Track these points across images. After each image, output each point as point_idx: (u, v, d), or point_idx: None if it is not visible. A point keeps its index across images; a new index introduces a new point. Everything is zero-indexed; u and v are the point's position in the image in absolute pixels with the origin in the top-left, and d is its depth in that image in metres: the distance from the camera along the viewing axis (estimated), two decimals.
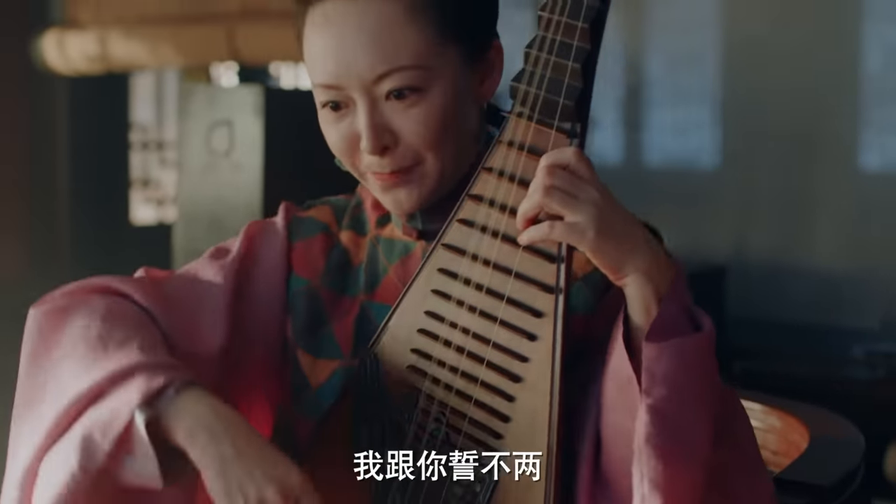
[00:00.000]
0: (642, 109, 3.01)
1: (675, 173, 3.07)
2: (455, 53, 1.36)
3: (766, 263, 2.94)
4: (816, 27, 3.02)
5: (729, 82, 3.02)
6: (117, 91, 4.19)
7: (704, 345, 1.23)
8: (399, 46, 1.33)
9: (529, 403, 1.28)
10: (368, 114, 1.35)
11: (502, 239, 1.30)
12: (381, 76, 1.33)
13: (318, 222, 1.51)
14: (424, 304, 1.35)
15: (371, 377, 1.37)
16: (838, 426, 1.74)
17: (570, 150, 1.24)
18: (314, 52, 1.37)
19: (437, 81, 1.35)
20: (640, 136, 3.03)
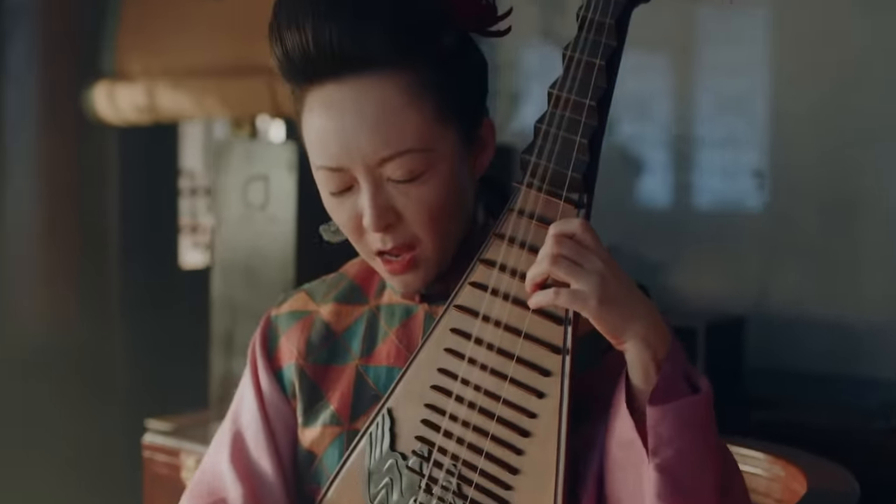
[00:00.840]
0: (690, 152, 3.03)
1: (719, 217, 3.08)
2: (453, 132, 1.39)
3: (785, 313, 2.96)
4: (859, 76, 3.01)
5: (775, 127, 3.02)
6: (166, 139, 4.25)
7: (704, 405, 1.27)
8: (401, 130, 1.35)
9: (538, 457, 1.32)
10: (372, 195, 1.37)
11: (512, 302, 1.34)
12: (384, 160, 1.36)
13: (293, 312, 1.58)
14: (437, 362, 1.39)
15: (384, 431, 1.42)
16: (836, 477, 1.77)
17: (577, 221, 1.29)
18: (315, 135, 1.39)
19: (438, 161, 1.38)
20: (688, 179, 3.04)
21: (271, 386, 1.57)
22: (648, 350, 1.27)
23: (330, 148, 1.37)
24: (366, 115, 1.35)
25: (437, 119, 1.37)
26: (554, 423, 1.31)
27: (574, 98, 1.30)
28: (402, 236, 1.40)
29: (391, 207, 1.38)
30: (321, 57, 1.34)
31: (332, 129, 1.36)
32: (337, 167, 1.38)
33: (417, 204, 1.38)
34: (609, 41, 1.29)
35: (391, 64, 1.35)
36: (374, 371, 1.50)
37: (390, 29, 1.33)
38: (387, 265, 1.42)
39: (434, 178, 1.38)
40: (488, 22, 1.44)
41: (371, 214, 1.37)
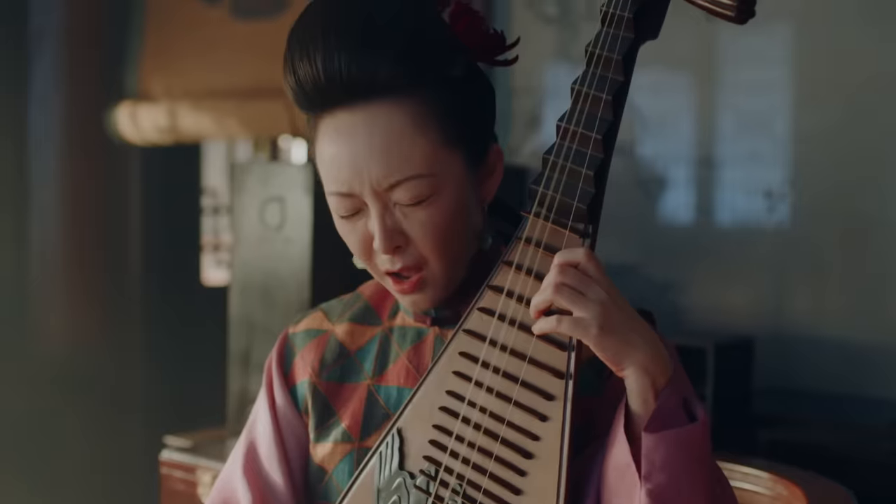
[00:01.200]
0: (713, 170, 3.04)
1: (737, 236, 3.08)
2: (460, 158, 1.42)
3: (797, 333, 2.97)
4: (880, 96, 3.01)
5: (795, 146, 3.02)
6: (189, 158, 4.28)
7: (699, 433, 1.29)
8: (408, 156, 1.38)
9: (540, 479, 1.34)
10: (381, 218, 1.41)
11: (518, 327, 1.37)
12: (392, 185, 1.39)
13: (309, 331, 1.62)
14: (446, 384, 1.41)
15: (393, 451, 1.45)
16: (835, 495, 1.79)
17: (581, 251, 1.31)
18: (327, 160, 1.42)
19: (444, 186, 1.41)
20: (710, 197, 3.05)
21: (285, 401, 1.60)
22: (647, 378, 1.29)
23: (341, 174, 1.41)
24: (374, 141, 1.38)
25: (443, 145, 1.40)
26: (556, 445, 1.34)
27: (581, 131, 1.33)
28: (410, 258, 1.43)
29: (399, 230, 1.41)
30: (331, 86, 1.37)
31: (343, 155, 1.40)
32: (347, 192, 1.41)
33: (424, 227, 1.41)
34: (616, 76, 1.32)
35: (399, 92, 1.38)
36: (385, 391, 1.53)
37: (398, 58, 1.36)
38: (396, 285, 1.45)
39: (440, 201, 1.41)
40: (495, 51, 1.48)
41: (380, 237, 1.41)
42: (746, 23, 1.30)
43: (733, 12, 1.27)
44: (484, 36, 1.46)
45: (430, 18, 1.41)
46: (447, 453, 1.40)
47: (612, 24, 1.32)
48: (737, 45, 3.01)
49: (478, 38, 1.45)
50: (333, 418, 1.56)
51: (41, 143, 4.15)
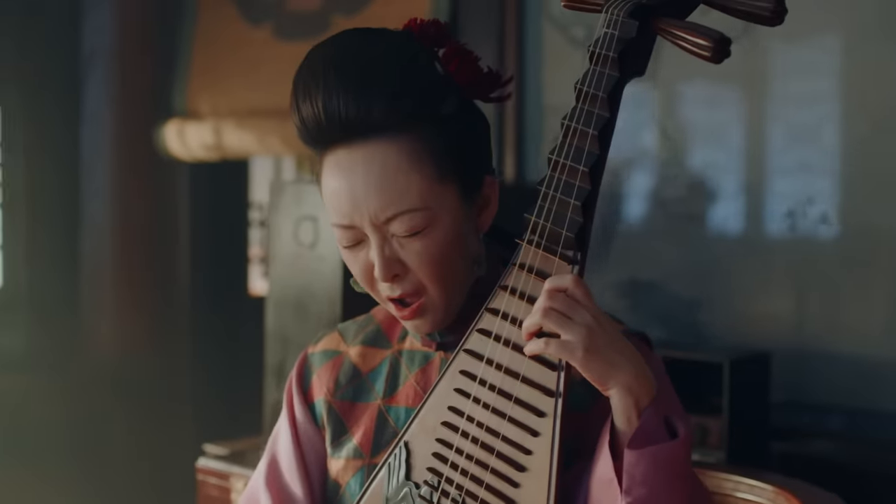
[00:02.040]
0: (762, 180, 3.06)
1: (787, 246, 3.07)
2: (453, 191, 1.48)
3: (811, 347, 2.98)
4: None
5: (845, 158, 2.98)
6: (236, 174, 4.33)
7: (678, 450, 1.34)
8: (403, 191, 1.45)
9: (532, 490, 1.40)
10: (380, 248, 1.47)
11: (512, 348, 1.43)
12: (389, 218, 1.45)
13: (326, 351, 1.69)
14: (448, 400, 1.48)
15: (400, 462, 1.51)
16: None
17: (570, 277, 1.37)
18: (330, 194, 1.49)
19: (439, 218, 1.47)
20: (759, 207, 3.09)
21: (305, 416, 1.68)
22: (630, 397, 1.35)
23: (342, 207, 1.48)
24: (371, 177, 1.45)
25: (437, 179, 1.46)
26: (546, 459, 1.40)
27: (569, 164, 1.39)
28: (408, 285, 1.50)
29: (397, 259, 1.48)
30: (331, 125, 1.44)
31: (343, 189, 1.47)
32: (349, 224, 1.48)
33: (420, 256, 1.47)
34: (602, 112, 1.38)
35: (394, 129, 1.44)
36: (395, 411, 1.60)
37: (392, 98, 1.43)
38: (398, 311, 1.52)
39: (435, 232, 1.47)
40: (488, 90, 1.54)
41: (379, 266, 1.48)
42: (778, 25, 1.34)
43: (768, 13, 1.32)
44: (477, 74, 1.52)
45: (422, 60, 1.48)
46: (448, 465, 1.47)
47: (598, 63, 1.38)
48: (786, 58, 3.00)
49: (470, 77, 1.51)
50: (346, 435, 1.63)
51: (93, 159, 4.23)
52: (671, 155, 3.14)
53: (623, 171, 3.19)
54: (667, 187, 3.17)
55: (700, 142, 3.13)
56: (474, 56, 1.52)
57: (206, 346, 4.26)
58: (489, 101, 1.56)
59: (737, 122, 3.06)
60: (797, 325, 3.00)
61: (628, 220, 3.21)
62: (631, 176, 3.16)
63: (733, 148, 3.05)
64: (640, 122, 3.18)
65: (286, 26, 3.92)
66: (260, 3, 4.00)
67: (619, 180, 3.22)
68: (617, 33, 1.37)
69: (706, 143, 3.11)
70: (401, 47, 1.47)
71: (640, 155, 3.17)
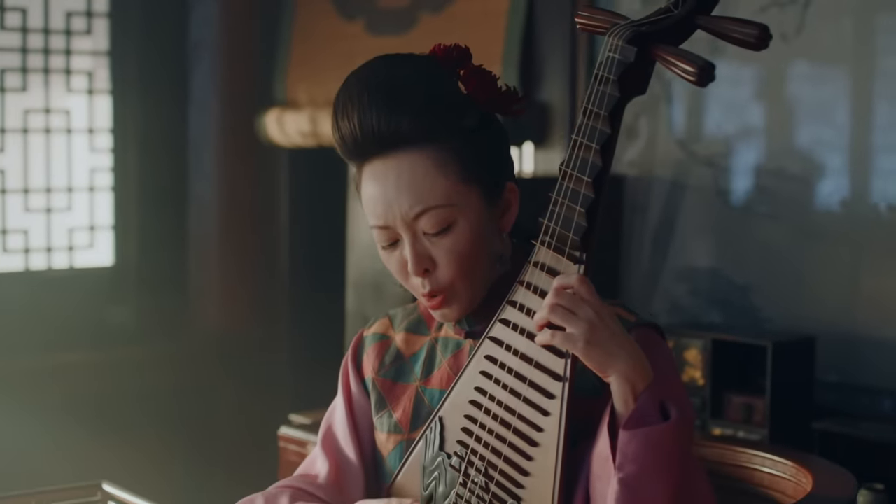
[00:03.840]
0: (869, 156, 3.07)
1: None
2: (477, 193, 1.64)
3: (859, 331, 3.04)
4: None
5: None
6: (332, 160, 4.43)
7: (669, 431, 1.48)
8: (430, 190, 1.61)
9: (543, 463, 1.56)
10: (412, 245, 1.64)
11: (527, 336, 1.58)
12: (418, 214, 1.62)
13: (377, 334, 1.86)
14: (475, 382, 1.64)
15: (435, 435, 1.68)
16: (838, 478, 1.94)
17: (575, 276, 1.52)
18: (367, 200, 1.66)
19: (463, 215, 1.63)
20: (866, 183, 3.09)
21: (359, 390, 1.86)
22: (628, 384, 1.50)
23: (377, 210, 1.65)
24: (402, 181, 1.62)
25: (460, 181, 1.63)
26: (555, 436, 1.55)
27: (576, 174, 1.53)
28: (437, 280, 1.66)
29: (427, 255, 1.65)
30: (366, 139, 1.62)
31: (378, 194, 1.64)
32: (384, 225, 1.65)
33: (448, 252, 1.64)
34: (604, 128, 1.51)
35: (421, 141, 1.62)
36: (430, 392, 1.77)
37: (418, 114, 1.61)
38: (428, 301, 1.69)
39: (460, 229, 1.63)
40: (506, 105, 1.69)
41: (412, 261, 1.65)
42: (763, 49, 1.46)
43: (752, 41, 1.46)
44: (494, 92, 1.68)
45: (444, 80, 1.65)
46: (474, 438, 1.63)
47: (601, 84, 1.51)
48: (893, 36, 3.03)
49: (488, 95, 1.67)
50: (387, 410, 1.81)
51: (199, 145, 4.42)
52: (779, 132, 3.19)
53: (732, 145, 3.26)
54: (772, 163, 3.24)
55: (806, 120, 3.17)
56: (492, 76, 1.69)
57: (303, 322, 4.39)
58: (508, 115, 1.71)
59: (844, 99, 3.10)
60: (851, 308, 3.07)
61: (735, 203, 3.31)
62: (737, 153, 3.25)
63: (838, 126, 3.09)
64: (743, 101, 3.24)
65: (377, 22, 4.07)
66: (353, 0, 4.15)
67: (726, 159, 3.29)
68: (618, 57, 1.50)
69: (811, 121, 3.16)
70: (425, 70, 1.65)
71: (745, 132, 3.25)
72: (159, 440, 4.17)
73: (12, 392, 3.95)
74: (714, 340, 2.90)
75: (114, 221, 4.34)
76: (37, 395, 3.98)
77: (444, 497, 1.66)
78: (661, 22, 1.52)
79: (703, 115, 3.34)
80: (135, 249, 4.37)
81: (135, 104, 4.33)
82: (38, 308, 4.14)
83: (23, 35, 4.10)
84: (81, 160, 4.27)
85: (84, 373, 4.13)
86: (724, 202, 3.28)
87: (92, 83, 4.27)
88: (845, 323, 3.05)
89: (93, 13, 4.25)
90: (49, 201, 4.20)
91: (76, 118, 4.24)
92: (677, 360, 2.97)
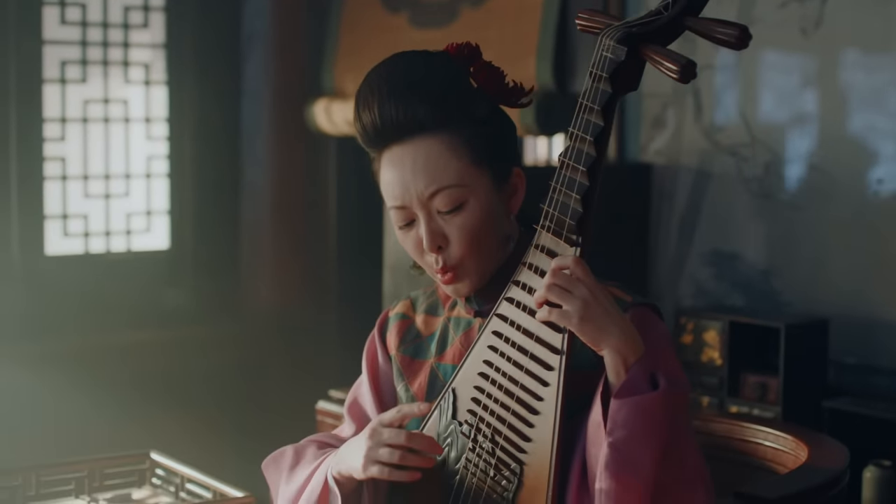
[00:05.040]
0: None
1: None
2: (486, 176, 1.77)
3: (875, 314, 3.10)
4: None
5: None
6: None
7: (657, 400, 1.60)
8: (443, 171, 1.74)
9: (543, 430, 1.67)
10: (426, 223, 1.77)
11: (529, 313, 1.70)
12: (433, 194, 1.75)
13: (398, 314, 1.99)
14: (483, 355, 1.76)
15: (449, 405, 1.81)
16: (832, 450, 2.03)
17: (571, 257, 1.64)
18: (386, 182, 1.79)
19: (474, 195, 1.75)
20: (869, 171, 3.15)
21: (385, 361, 1.98)
22: (619, 357, 1.62)
23: (395, 191, 1.78)
24: (418, 164, 1.75)
25: (471, 164, 1.75)
26: (553, 405, 1.67)
27: (572, 164, 1.65)
28: (449, 256, 1.78)
29: (441, 233, 1.77)
30: (385, 128, 1.75)
31: (396, 177, 1.77)
32: (401, 205, 1.78)
33: (460, 230, 1.76)
34: (597, 122, 1.62)
35: (436, 128, 1.75)
36: (443, 368, 1.89)
37: (433, 104, 1.74)
38: (441, 276, 1.81)
39: (471, 207, 1.76)
40: (513, 98, 1.82)
41: (426, 238, 1.77)
42: (743, 49, 1.57)
43: (733, 40, 1.57)
44: (502, 86, 1.81)
45: (457, 74, 1.78)
46: (481, 407, 1.75)
47: (594, 81, 1.63)
48: None
49: (496, 88, 1.80)
50: (404, 384, 1.94)
51: (251, 133, 4.49)
52: None
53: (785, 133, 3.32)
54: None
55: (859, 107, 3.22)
56: (500, 71, 1.81)
57: (350, 301, 4.47)
58: (515, 107, 1.84)
59: None
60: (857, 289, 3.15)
61: (756, 190, 3.38)
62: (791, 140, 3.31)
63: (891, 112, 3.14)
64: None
65: (420, 15, 4.17)
66: None
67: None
68: (610, 56, 1.62)
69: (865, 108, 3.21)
70: (439, 64, 1.78)
71: (799, 119, 3.30)
72: (217, 413, 4.24)
73: (82, 368, 4.04)
74: (731, 322, 3.01)
75: (170, 206, 4.42)
76: (104, 371, 4.07)
77: (456, 461, 1.78)
78: (651, 24, 1.63)
79: (727, 106, 3.43)
80: (190, 233, 4.44)
81: (190, 94, 4.41)
82: (98, 289, 4.22)
83: (83, 29, 4.19)
84: (139, 148, 4.35)
85: (146, 351, 4.22)
86: (746, 189, 3.37)
87: (149, 74, 4.35)
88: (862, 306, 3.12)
89: (149, 7, 4.34)
90: (108, 187, 4.29)
91: (134, 108, 4.33)
92: (697, 341, 3.08)
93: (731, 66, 3.40)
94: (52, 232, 4.18)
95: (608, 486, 1.58)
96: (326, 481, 1.84)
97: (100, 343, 4.15)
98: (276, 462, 2.00)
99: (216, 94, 4.46)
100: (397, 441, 1.75)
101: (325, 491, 1.84)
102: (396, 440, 1.75)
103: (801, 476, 1.93)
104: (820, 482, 1.90)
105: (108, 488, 2.77)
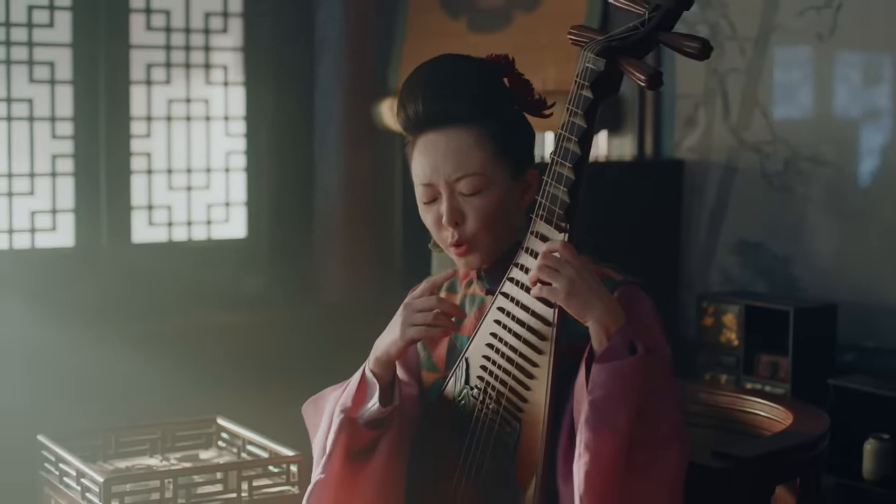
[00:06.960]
0: None
1: None
2: (505, 169, 1.96)
3: (884, 300, 3.20)
4: None
5: None
6: None
7: (634, 364, 1.78)
8: (470, 160, 1.94)
9: (538, 392, 1.88)
10: (448, 200, 1.97)
11: (526, 290, 1.90)
12: (458, 178, 1.95)
13: None
14: (490, 328, 1.97)
15: (462, 372, 2.01)
16: (813, 416, 2.16)
17: (559, 241, 1.84)
18: (419, 163, 1.99)
19: (493, 184, 1.95)
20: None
21: None
22: (601, 327, 1.82)
23: (426, 171, 1.99)
24: (449, 150, 1.96)
25: (494, 156, 1.95)
26: (546, 371, 1.87)
27: (560, 160, 1.85)
28: (464, 232, 1.98)
29: (460, 210, 1.97)
30: (427, 116, 1.97)
31: (429, 159, 1.98)
32: (429, 183, 1.99)
33: (477, 210, 1.96)
34: (581, 124, 1.82)
35: (468, 121, 1.95)
36: (461, 339, 2.08)
37: (469, 101, 1.95)
38: (455, 249, 2.01)
39: (489, 194, 1.96)
40: (538, 108, 2.03)
41: (447, 212, 1.97)
42: (705, 59, 1.75)
43: (696, 52, 1.77)
44: (530, 95, 2.02)
45: (491, 77, 1.99)
46: (488, 373, 1.96)
47: (579, 88, 1.83)
48: None
49: (525, 96, 2.01)
50: (427, 353, 2.14)
51: (324, 129, 4.62)
52: None
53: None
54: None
55: None
56: (529, 84, 2.03)
57: (414, 281, 4.58)
58: (538, 116, 2.04)
59: None
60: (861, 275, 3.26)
61: (778, 185, 3.52)
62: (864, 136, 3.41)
63: None
64: None
65: (477, 20, 4.34)
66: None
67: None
68: (591, 66, 1.82)
69: None
70: (478, 68, 1.99)
71: (871, 116, 3.39)
72: (288, 388, 4.16)
73: (180, 346, 4.17)
74: (747, 306, 3.18)
75: (247, 198, 4.54)
76: (202, 349, 4.20)
77: (468, 420, 1.98)
78: (628, 38, 1.83)
79: (752, 107, 3.57)
80: (265, 224, 4.55)
81: (266, 94, 4.52)
82: (181, 275, 4.35)
83: (167, 34, 4.34)
84: (218, 144, 4.47)
85: (218, 333, 4.31)
86: (768, 184, 3.51)
87: (228, 76, 4.47)
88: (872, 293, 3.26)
89: (229, 13, 4.47)
90: (190, 180, 4.42)
91: (214, 107, 4.45)
92: (717, 323, 3.25)
93: (755, 70, 3.55)
94: (138, 221, 4.32)
95: (587, 438, 1.77)
96: (364, 375, 2.04)
97: (190, 324, 4.25)
98: (315, 403, 2.22)
99: (290, 94, 4.57)
100: (429, 304, 1.96)
101: (362, 384, 2.04)
102: (428, 304, 1.96)
103: (779, 439, 2.07)
104: (795, 444, 2.04)
105: (178, 449, 3.04)
